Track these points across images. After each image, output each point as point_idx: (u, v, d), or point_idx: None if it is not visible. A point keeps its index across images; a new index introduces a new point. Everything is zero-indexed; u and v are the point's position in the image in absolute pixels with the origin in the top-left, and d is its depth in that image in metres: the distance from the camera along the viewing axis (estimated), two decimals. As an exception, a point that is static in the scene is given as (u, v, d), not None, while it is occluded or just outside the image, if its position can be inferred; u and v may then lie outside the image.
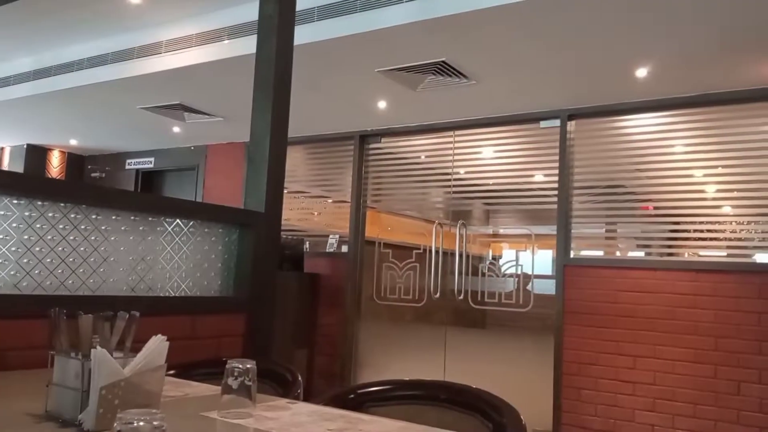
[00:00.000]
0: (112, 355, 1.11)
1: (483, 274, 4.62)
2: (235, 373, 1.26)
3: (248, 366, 1.27)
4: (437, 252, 4.79)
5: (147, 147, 6.64)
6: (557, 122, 4.38)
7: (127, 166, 6.81)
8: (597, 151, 4.26)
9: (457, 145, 4.87)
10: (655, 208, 4.08)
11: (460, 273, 4.67)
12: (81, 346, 1.17)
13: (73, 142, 6.65)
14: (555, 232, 4.28)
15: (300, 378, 1.78)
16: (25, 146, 6.76)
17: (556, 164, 4.34)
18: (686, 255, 3.92)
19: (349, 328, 4.98)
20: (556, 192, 4.32)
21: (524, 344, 4.34)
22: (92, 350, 1.10)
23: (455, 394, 1.55)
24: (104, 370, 1.08)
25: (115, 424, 0.76)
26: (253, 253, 2.40)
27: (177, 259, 2.20)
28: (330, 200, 5.70)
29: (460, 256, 4.70)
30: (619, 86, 3.90)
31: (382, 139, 5.25)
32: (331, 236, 5.42)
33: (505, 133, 4.67)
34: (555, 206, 4.31)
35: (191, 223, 2.25)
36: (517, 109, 4.47)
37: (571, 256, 4.19)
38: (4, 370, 1.63)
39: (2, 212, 1.72)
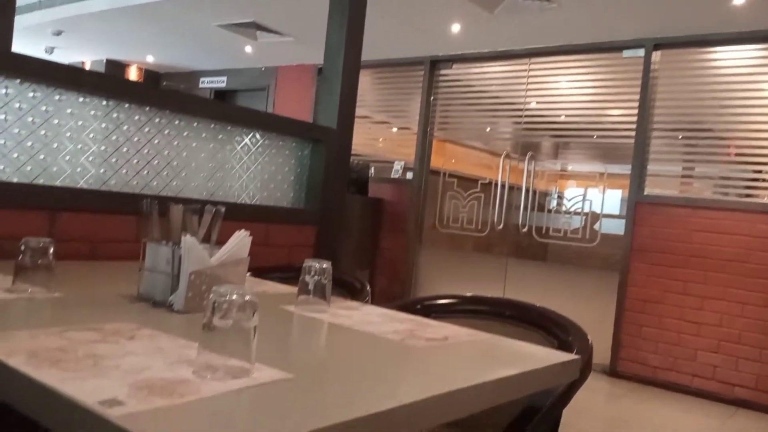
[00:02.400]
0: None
1: (549, 211, 4.55)
2: (312, 272, 1.31)
3: (324, 266, 1.32)
4: (503, 185, 4.73)
5: (220, 66, 6.73)
6: (641, 52, 4.14)
7: (201, 85, 6.94)
8: (682, 85, 4.02)
9: (531, 74, 4.70)
10: (738, 149, 3.86)
11: (525, 208, 4.61)
12: (171, 235, 1.23)
13: (150, 58, 6.81)
14: (627, 171, 4.13)
15: (368, 287, 1.84)
16: (104, 61, 6.97)
17: (636, 98, 4.13)
18: (766, 199, 3.72)
19: (410, 253, 5.05)
20: (633, 128, 4.14)
21: (586, 279, 4.30)
22: (182, 238, 1.16)
23: (520, 310, 1.57)
24: (193, 257, 1.15)
25: (211, 295, 0.81)
26: (324, 169, 2.44)
27: (253, 170, 2.26)
28: (395, 129, 5.67)
29: (527, 191, 4.63)
30: (713, 14, 3.61)
31: (453, 66, 5.12)
32: (396, 162, 5.42)
33: (583, 63, 4.46)
34: (631, 142, 4.13)
35: (266, 136, 2.30)
36: (598, 36, 4.24)
37: (645, 193, 4.05)
38: (96, 260, 1.76)
39: (92, 112, 1.80)
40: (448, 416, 0.83)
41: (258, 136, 2.28)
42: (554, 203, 4.58)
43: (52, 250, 1.18)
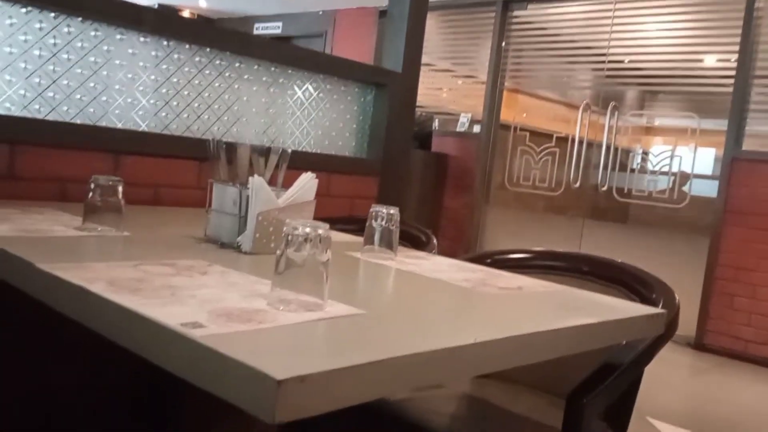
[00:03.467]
0: (266, 185, 1.24)
1: (632, 170, 4.44)
2: (380, 218, 1.36)
3: (392, 212, 1.37)
4: (580, 141, 4.63)
5: (275, 11, 6.79)
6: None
7: (255, 31, 7.04)
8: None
9: (617, 14, 4.53)
10: None
11: (605, 166, 4.52)
12: (238, 176, 1.30)
13: (203, 3, 6.94)
14: (722, 128, 3.96)
15: (434, 240, 1.88)
16: (156, 5, 7.16)
17: (736, 42, 3.93)
18: None
19: (476, 213, 5.06)
20: (731, 77, 3.95)
21: (672, 244, 4.21)
22: (250, 178, 1.22)
23: (599, 266, 1.57)
24: (261, 198, 1.21)
25: (285, 228, 0.86)
26: (387, 116, 2.47)
27: (314, 116, 2.32)
28: (460, 80, 5.61)
29: (607, 147, 4.53)
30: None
31: (528, 6, 4.99)
32: (462, 115, 5.39)
33: (675, 2, 4.26)
34: (728, 92, 3.96)
35: (328, 80, 2.35)
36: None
37: (743, 148, 3.89)
38: (158, 206, 1.87)
39: (153, 52, 1.89)
40: (522, 359, 0.87)
41: (320, 80, 2.32)
42: (638, 162, 4.46)
43: (121, 189, 1.26)
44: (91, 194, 1.26)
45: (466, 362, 0.78)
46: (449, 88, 5.79)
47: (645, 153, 4.48)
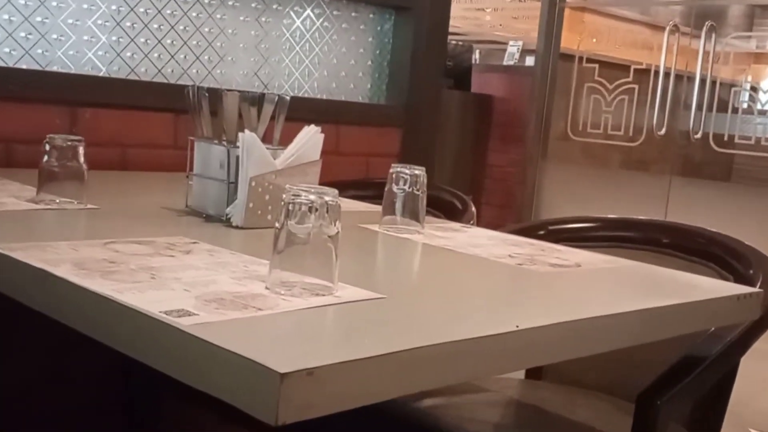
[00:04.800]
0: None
1: (735, 110, 4.41)
2: (402, 181, 1.41)
3: (417, 172, 1.42)
4: (666, 73, 4.60)
5: None
6: None
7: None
8: None
9: None
10: None
11: (699, 106, 4.49)
12: (225, 131, 1.36)
13: None
14: None
15: (473, 208, 1.94)
16: None
17: None
18: None
19: (530, 172, 5.07)
20: None
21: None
22: (240, 134, 1.28)
23: (682, 236, 1.61)
24: (254, 159, 1.27)
25: (284, 196, 0.92)
26: (412, 49, 2.51)
27: (318, 51, 2.37)
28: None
29: (702, 81, 4.49)
30: None
31: None
32: (511, 43, 5.37)
33: None
34: None
35: (335, 4, 2.39)
36: None
37: None
38: (126, 170, 1.94)
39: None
40: (577, 350, 0.93)
41: (324, 4, 2.36)
42: (744, 99, 4.43)
43: (82, 151, 1.33)
44: (45, 158, 1.31)
45: (507, 354, 0.84)
46: (493, 8, 5.76)
47: (753, 88, 4.44)
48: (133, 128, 1.95)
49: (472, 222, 1.82)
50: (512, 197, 5.17)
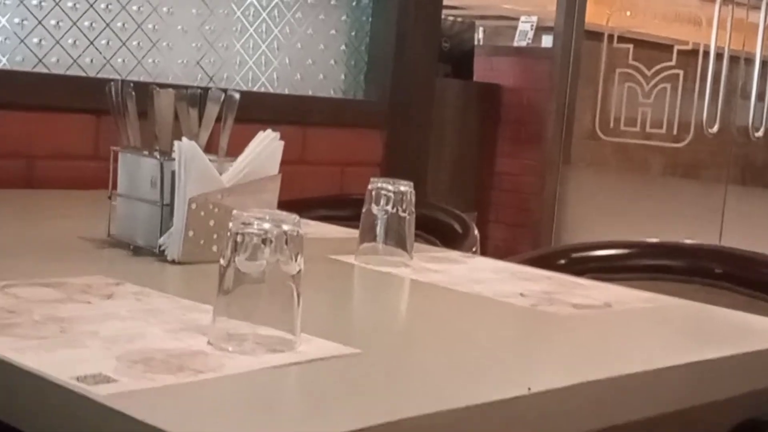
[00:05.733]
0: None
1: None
2: (383, 199, 1.41)
3: (403, 188, 1.42)
4: (719, 56, 4.63)
5: None
6: None
7: None
8: None
9: None
10: None
11: (760, 96, 4.53)
12: (157, 138, 1.36)
13: None
14: None
15: (475, 231, 1.94)
16: None
17: None
18: None
19: (549, 181, 5.09)
20: None
21: None
22: (176, 143, 1.28)
23: (741, 265, 1.62)
24: (195, 174, 1.27)
25: (231, 225, 0.92)
26: (397, 27, 2.52)
27: (277, 34, 2.37)
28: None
29: (764, 64, 4.53)
30: None
31: None
32: (523, 19, 5.40)
33: None
34: None
35: (298, -26, 2.41)
36: None
37: None
38: (33, 188, 1.93)
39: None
40: (609, 417, 0.92)
41: (284, -28, 2.39)
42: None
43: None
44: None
45: (516, 425, 0.83)
46: (501, -25, 5.79)
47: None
48: (41, 134, 1.93)
49: (474, 249, 1.82)
50: (527, 213, 5.17)
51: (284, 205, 1.93)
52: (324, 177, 2.38)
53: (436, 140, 4.89)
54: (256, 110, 2.20)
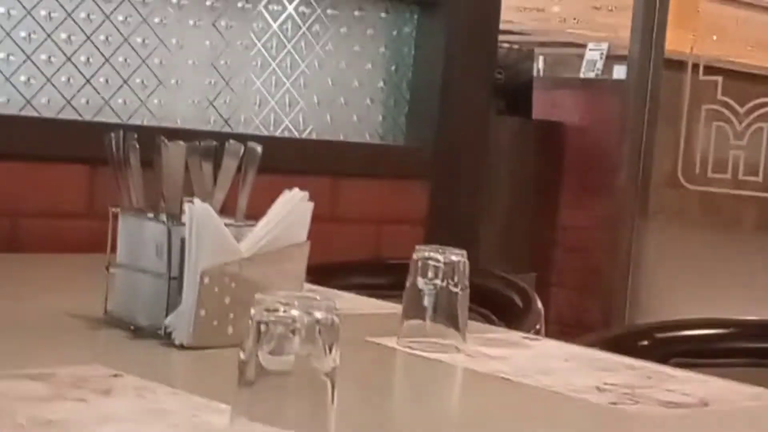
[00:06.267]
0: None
1: None
2: (431, 272, 1.39)
3: (455, 258, 1.40)
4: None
5: None
6: None
7: None
8: None
9: None
10: None
11: None
12: (165, 199, 1.35)
13: None
14: None
15: (539, 304, 1.91)
16: None
17: None
18: None
19: (622, 237, 5.05)
20: None
21: None
22: (187, 204, 1.27)
23: None
24: (208, 241, 1.26)
25: (252, 311, 0.90)
26: (444, 60, 2.52)
27: (304, 69, 2.38)
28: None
29: None
30: None
31: None
32: (591, 46, 5.39)
33: None
34: None
35: (328, 0, 2.41)
36: None
37: None
38: (16, 252, 1.93)
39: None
40: None
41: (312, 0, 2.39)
42: None
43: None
44: None
45: None
46: (564, -6, 5.81)
47: None
48: (27, 189, 1.94)
49: (538, 326, 1.80)
50: (596, 277, 5.13)
51: (312, 270, 1.92)
52: (358, 237, 2.37)
53: (490, 189, 4.88)
54: (279, 158, 2.21)
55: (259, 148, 1.41)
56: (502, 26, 5.37)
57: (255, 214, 1.35)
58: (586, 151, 5.16)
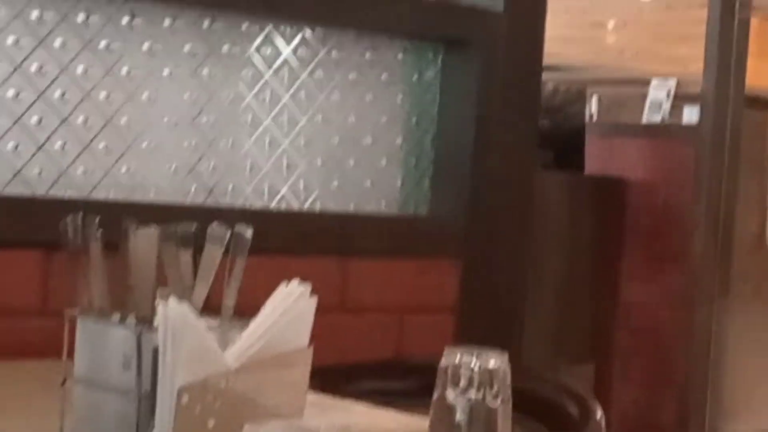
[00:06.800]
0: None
1: None
2: (462, 380, 1.38)
3: (493, 365, 1.39)
4: None
5: None
6: None
7: None
8: None
9: None
10: None
11: None
12: (134, 295, 1.35)
13: None
14: None
15: (599, 414, 1.90)
16: None
17: None
18: None
19: (700, 316, 5.03)
20: None
21: None
22: (161, 305, 1.26)
23: None
24: (187, 351, 1.25)
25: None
26: (476, 113, 2.52)
27: (304, 125, 2.38)
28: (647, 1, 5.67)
29: None
30: None
31: None
32: (655, 83, 5.40)
33: None
34: None
35: (332, 40, 2.41)
36: None
37: None
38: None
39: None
40: None
41: (315, 40, 2.39)
42: None
43: None
44: None
45: None
46: (621, 20, 5.84)
47: None
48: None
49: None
50: (668, 366, 5.10)
51: (318, 374, 1.91)
52: (374, 331, 2.36)
53: (533, 262, 4.86)
54: (275, 236, 2.21)
55: (248, 233, 1.41)
56: (548, 61, 5.40)
57: (246, 308, 1.34)
58: (652, 211, 5.15)
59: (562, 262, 5.04)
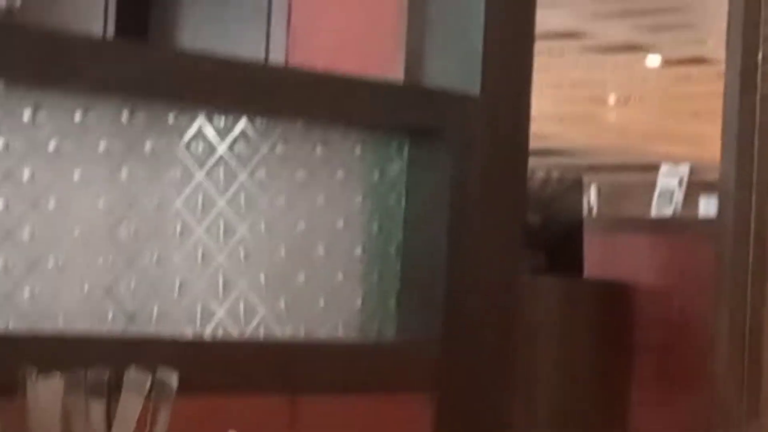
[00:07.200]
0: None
1: None
2: None
3: None
4: None
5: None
6: None
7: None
8: None
9: None
10: None
11: None
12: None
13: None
14: None
15: None
16: None
17: None
18: None
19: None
20: None
21: None
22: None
23: None
24: None
25: None
26: (449, 214, 2.52)
27: (244, 234, 2.36)
28: (655, 68, 5.69)
29: None
30: None
31: None
32: (664, 170, 5.43)
33: None
34: None
35: (284, 131, 2.41)
36: None
37: None
38: None
39: None
40: None
41: (258, 132, 2.38)
42: None
43: None
44: None
45: None
46: (624, 96, 5.88)
47: None
48: None
49: None
50: None
51: None
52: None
53: (524, 389, 4.83)
54: (209, 371, 2.18)
55: (174, 379, 1.38)
56: (538, 144, 5.40)
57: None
58: (665, 323, 5.16)
59: (557, 388, 5.03)
